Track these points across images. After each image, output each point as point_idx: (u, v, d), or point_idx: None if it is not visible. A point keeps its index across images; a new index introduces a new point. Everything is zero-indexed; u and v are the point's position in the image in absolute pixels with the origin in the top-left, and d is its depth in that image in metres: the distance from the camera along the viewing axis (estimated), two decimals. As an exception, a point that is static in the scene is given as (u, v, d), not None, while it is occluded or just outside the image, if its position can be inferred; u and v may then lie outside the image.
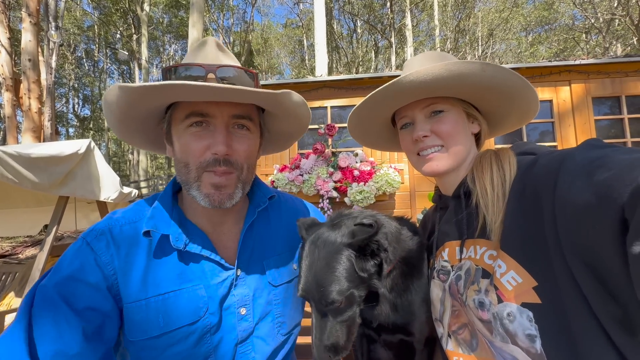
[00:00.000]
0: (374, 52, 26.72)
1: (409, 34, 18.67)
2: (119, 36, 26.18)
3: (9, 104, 8.05)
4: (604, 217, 0.45)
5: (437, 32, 20.40)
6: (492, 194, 0.70)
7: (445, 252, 0.82)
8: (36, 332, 0.61)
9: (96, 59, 29.27)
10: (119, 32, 25.14)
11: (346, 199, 3.82)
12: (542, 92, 4.32)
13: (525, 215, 0.63)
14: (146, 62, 19.58)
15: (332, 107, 4.68)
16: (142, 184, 14.68)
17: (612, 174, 0.46)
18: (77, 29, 25.31)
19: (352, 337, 0.72)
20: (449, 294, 0.77)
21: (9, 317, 3.11)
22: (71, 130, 31.11)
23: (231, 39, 27.39)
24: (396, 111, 0.89)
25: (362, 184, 3.75)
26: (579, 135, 4.24)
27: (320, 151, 3.97)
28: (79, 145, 2.83)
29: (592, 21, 18.94)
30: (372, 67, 26.61)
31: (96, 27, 26.04)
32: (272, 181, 4.08)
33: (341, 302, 0.69)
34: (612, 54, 18.41)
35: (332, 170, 3.91)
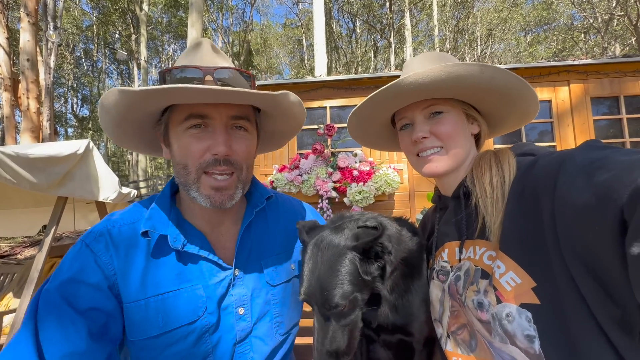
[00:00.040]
0: (373, 52, 26.74)
1: (408, 34, 18.69)
2: (117, 36, 26.14)
3: (7, 104, 8.04)
4: (603, 218, 0.45)
5: (436, 32, 20.42)
6: (492, 195, 0.70)
7: (444, 253, 0.82)
8: (42, 336, 0.62)
9: (95, 59, 29.23)
10: (117, 32, 25.09)
11: (345, 199, 3.82)
12: (540, 92, 4.33)
13: (524, 216, 0.63)
14: (145, 62, 19.55)
15: (331, 107, 4.68)
16: (141, 184, 14.65)
17: (612, 175, 0.46)
18: (75, 29, 25.25)
19: (355, 341, 0.71)
20: (448, 295, 0.78)
21: (8, 317, 3.10)
22: (70, 130, 31.08)
23: (230, 38, 27.37)
24: (396, 112, 0.89)
25: (362, 184, 3.76)
26: (577, 135, 4.26)
27: (319, 151, 3.97)
28: (77, 145, 2.82)
29: (591, 21, 19.00)
30: (372, 67, 26.63)
31: (95, 27, 25.99)
32: (272, 181, 4.08)
33: (345, 306, 0.68)
34: (610, 54, 18.46)
35: (331, 170, 3.91)
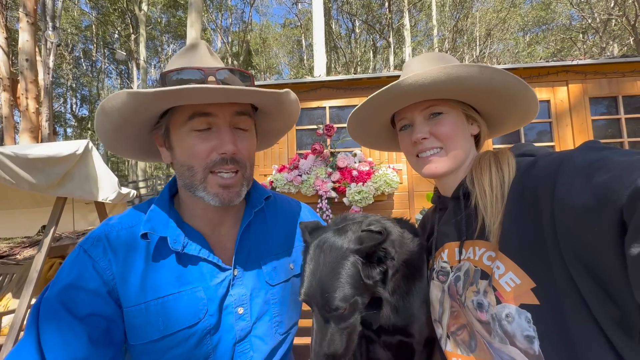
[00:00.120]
0: (372, 52, 26.76)
1: (407, 34, 18.71)
2: (117, 36, 26.10)
3: (6, 104, 8.02)
4: (603, 219, 0.45)
5: (435, 32, 20.44)
6: (491, 195, 0.70)
7: (444, 253, 0.82)
8: (44, 343, 0.62)
9: (94, 59, 29.18)
10: (117, 32, 25.05)
11: (345, 199, 3.82)
12: (539, 92, 4.34)
13: (524, 216, 0.63)
14: (144, 62, 19.54)
15: (330, 107, 4.68)
16: (141, 184, 14.63)
17: (611, 176, 0.46)
18: (74, 29, 25.19)
19: (353, 345, 0.71)
20: (448, 295, 0.78)
21: (7, 318, 3.10)
22: (69, 130, 31.02)
23: (229, 38, 27.35)
24: (395, 112, 0.89)
25: (361, 184, 3.76)
26: (576, 135, 4.26)
27: (318, 151, 3.97)
28: (76, 145, 2.82)
29: (589, 21, 19.03)
30: (371, 67, 26.64)
31: (94, 27, 25.95)
32: (271, 181, 4.08)
33: (345, 309, 0.67)
34: (608, 54, 18.50)
35: (330, 170, 3.91)
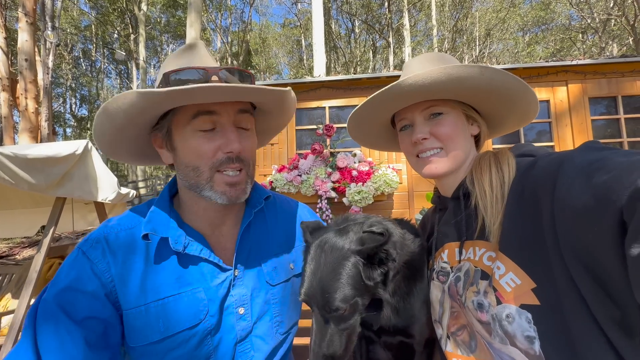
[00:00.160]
0: (371, 52, 26.76)
1: (406, 34, 18.71)
2: (116, 36, 26.07)
3: (5, 104, 8.00)
4: (603, 220, 0.45)
5: (435, 32, 20.43)
6: (491, 196, 0.70)
7: (444, 254, 0.82)
8: (40, 345, 0.62)
9: (93, 59, 29.14)
10: (116, 31, 25.03)
11: (344, 200, 3.82)
12: (539, 92, 4.34)
13: (524, 217, 0.63)
14: (144, 62, 19.52)
15: (330, 107, 4.68)
16: (140, 184, 14.63)
17: (611, 176, 0.46)
18: (74, 29, 25.15)
19: (352, 346, 0.71)
20: (448, 296, 0.78)
21: (6, 318, 3.09)
22: (68, 130, 30.98)
23: (229, 38, 27.34)
24: (396, 113, 0.89)
25: (361, 184, 3.76)
26: (575, 135, 4.27)
27: (318, 151, 3.97)
28: (76, 146, 2.81)
29: (589, 21, 19.06)
30: (370, 67, 26.64)
31: (93, 27, 25.91)
32: (271, 182, 4.07)
33: (345, 310, 0.67)
34: (608, 54, 18.53)
35: (330, 170, 3.91)
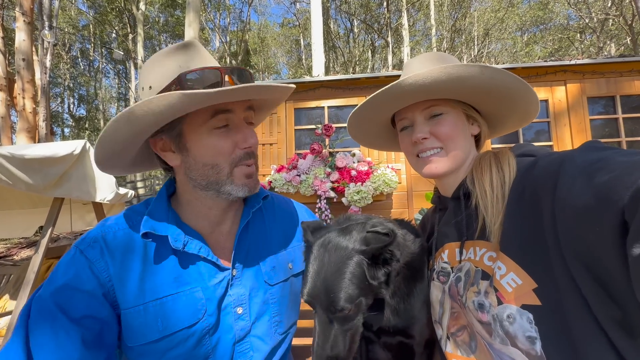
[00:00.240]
0: (370, 51, 26.76)
1: (405, 34, 18.70)
2: (114, 35, 25.97)
3: (2, 104, 7.96)
4: (604, 219, 0.45)
5: (434, 31, 20.46)
6: (492, 196, 0.70)
7: (444, 254, 0.82)
8: (33, 344, 0.61)
9: (91, 59, 29.06)
10: (114, 31, 24.92)
11: (344, 199, 3.81)
12: (537, 92, 4.27)
13: (524, 216, 0.63)
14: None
15: (329, 107, 4.67)
16: (139, 184, 14.56)
17: (612, 176, 0.46)
18: (72, 28, 25.07)
19: (355, 346, 0.70)
20: (448, 296, 0.77)
21: (4, 319, 3.08)
22: (67, 130, 30.89)
23: (228, 38, 27.30)
24: (396, 112, 0.88)
25: (360, 184, 3.75)
26: (574, 134, 4.28)
27: (317, 151, 3.97)
28: (74, 146, 2.81)
29: (587, 21, 19.12)
30: (369, 67, 26.64)
31: (91, 27, 25.82)
32: (270, 182, 4.07)
33: (350, 310, 0.67)
34: (606, 53, 18.59)
35: (329, 170, 3.91)
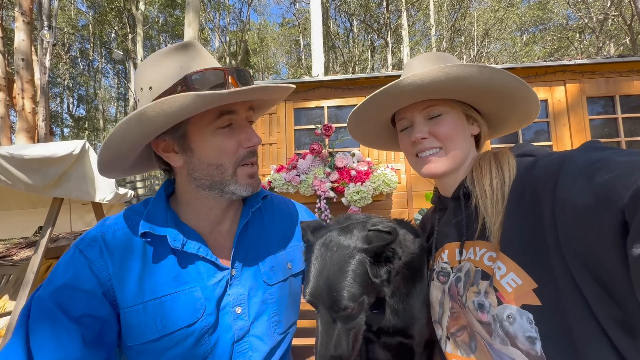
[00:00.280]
0: (370, 51, 26.77)
1: (405, 34, 18.71)
2: (114, 35, 25.95)
3: (2, 104, 7.95)
4: (604, 219, 0.45)
5: (433, 31, 20.48)
6: (492, 196, 0.70)
7: (444, 254, 0.82)
8: (34, 344, 0.61)
9: (91, 59, 29.05)
10: (114, 31, 24.89)
11: (343, 199, 3.81)
12: (537, 92, 4.30)
13: (524, 217, 0.63)
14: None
15: (328, 107, 4.67)
16: (138, 184, 14.55)
17: (613, 176, 0.46)
18: (71, 28, 25.04)
19: (358, 345, 0.70)
20: (448, 296, 0.77)
21: (3, 320, 3.08)
22: (66, 130, 30.87)
23: (227, 38, 27.31)
24: (396, 112, 0.89)
25: (359, 184, 3.75)
26: (573, 134, 4.28)
27: (317, 151, 3.97)
28: (73, 146, 2.80)
29: (586, 21, 19.14)
30: (369, 67, 26.66)
31: (91, 26, 25.81)
32: (269, 182, 4.07)
33: (353, 308, 0.66)
34: (605, 53, 18.62)
35: (329, 170, 3.91)
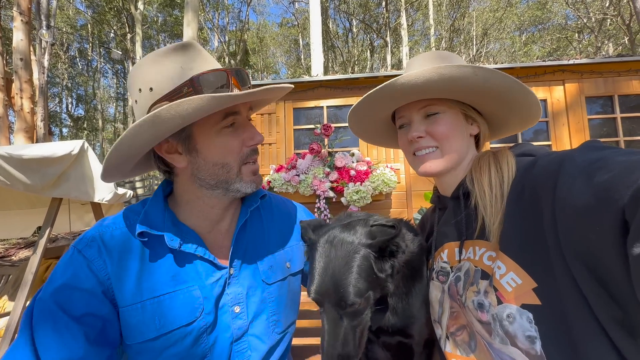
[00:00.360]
0: (369, 51, 26.78)
1: (404, 34, 18.72)
2: (112, 35, 25.91)
3: (0, 104, 7.92)
4: (605, 219, 0.45)
5: (432, 31, 20.51)
6: (491, 195, 0.70)
7: (444, 254, 0.82)
8: (39, 344, 0.61)
9: (90, 58, 29.00)
10: (112, 31, 24.85)
11: (343, 199, 3.81)
12: (536, 92, 4.31)
13: (524, 216, 0.63)
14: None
15: (328, 106, 4.66)
16: (138, 184, 14.53)
17: (613, 175, 0.46)
18: (70, 28, 24.99)
19: (364, 342, 0.70)
20: (448, 296, 0.77)
21: (3, 320, 3.07)
22: (65, 130, 30.82)
23: (226, 38, 27.28)
24: (396, 110, 0.89)
25: (359, 183, 3.75)
26: (572, 134, 4.28)
27: (316, 151, 3.96)
28: (72, 146, 2.79)
29: (585, 21, 19.17)
30: (368, 67, 26.66)
31: (89, 26, 25.75)
32: (269, 181, 4.07)
33: (360, 304, 0.66)
34: (604, 53, 18.65)
35: (328, 170, 3.91)
